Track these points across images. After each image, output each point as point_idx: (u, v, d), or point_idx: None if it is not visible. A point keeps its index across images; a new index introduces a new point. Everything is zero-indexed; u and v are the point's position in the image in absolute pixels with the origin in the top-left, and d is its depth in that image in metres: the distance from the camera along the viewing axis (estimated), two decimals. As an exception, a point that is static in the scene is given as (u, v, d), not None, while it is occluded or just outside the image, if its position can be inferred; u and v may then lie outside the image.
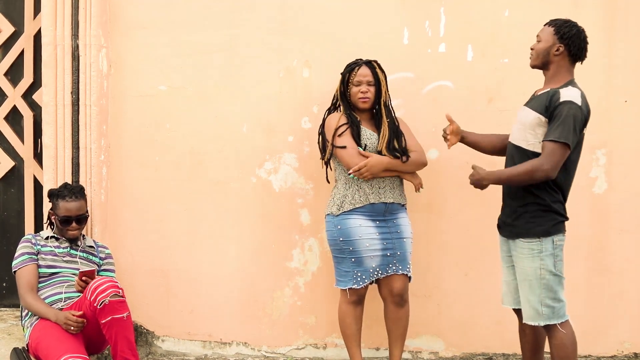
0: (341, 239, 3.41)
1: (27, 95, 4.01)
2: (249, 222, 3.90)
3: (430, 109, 3.77)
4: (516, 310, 3.23)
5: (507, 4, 3.82)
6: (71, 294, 3.31)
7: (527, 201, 3.01)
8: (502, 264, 3.23)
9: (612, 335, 3.94)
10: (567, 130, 2.86)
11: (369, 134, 3.47)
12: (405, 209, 3.55)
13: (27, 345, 3.26)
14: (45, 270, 3.35)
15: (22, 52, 3.99)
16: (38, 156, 3.99)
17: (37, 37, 3.92)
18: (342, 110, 3.54)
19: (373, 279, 3.45)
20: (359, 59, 3.53)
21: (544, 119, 2.94)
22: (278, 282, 3.92)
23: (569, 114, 2.87)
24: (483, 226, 3.73)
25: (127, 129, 3.86)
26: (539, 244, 2.97)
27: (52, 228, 3.51)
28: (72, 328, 3.11)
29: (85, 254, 3.48)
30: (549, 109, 2.92)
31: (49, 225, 3.55)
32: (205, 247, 3.91)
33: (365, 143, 3.43)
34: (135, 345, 3.17)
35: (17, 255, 3.36)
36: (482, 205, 3.78)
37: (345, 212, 3.42)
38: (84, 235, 3.56)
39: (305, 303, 3.92)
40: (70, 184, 3.62)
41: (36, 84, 3.97)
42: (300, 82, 3.85)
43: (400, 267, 3.45)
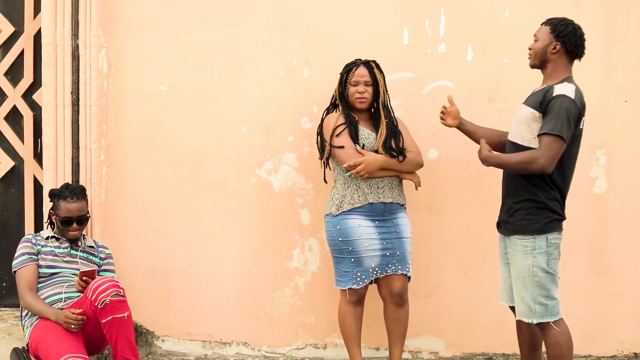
0: (340, 239, 3.41)
1: (27, 95, 4.01)
2: (249, 222, 3.90)
3: (430, 109, 3.77)
4: (512, 308, 3.23)
5: (507, 4, 3.83)
6: (71, 294, 3.31)
7: (522, 198, 3.02)
8: (500, 261, 3.24)
9: (612, 335, 3.94)
10: (560, 123, 2.86)
11: (366, 133, 3.47)
12: (404, 208, 3.55)
13: (27, 345, 3.26)
14: (46, 270, 3.34)
15: (22, 52, 3.99)
16: (38, 156, 3.98)
17: (37, 37, 3.92)
18: (340, 110, 3.55)
19: (372, 278, 3.45)
20: (358, 59, 3.53)
21: (538, 114, 2.95)
22: (278, 282, 3.92)
23: (562, 107, 2.87)
24: (483, 226, 3.74)
25: (127, 129, 3.86)
26: (533, 241, 2.98)
27: (52, 228, 3.51)
28: (72, 326, 3.10)
29: (85, 254, 3.48)
30: (542, 104, 2.94)
31: (49, 225, 3.55)
32: (205, 247, 3.91)
33: (363, 143, 3.43)
34: (135, 345, 3.17)
35: (17, 255, 3.36)
36: (482, 205, 3.79)
37: (344, 212, 3.42)
38: (84, 235, 3.55)
39: (305, 303, 3.92)
40: (72, 184, 3.61)
41: (36, 84, 3.97)
42: (300, 82, 3.85)
43: (399, 267, 3.45)
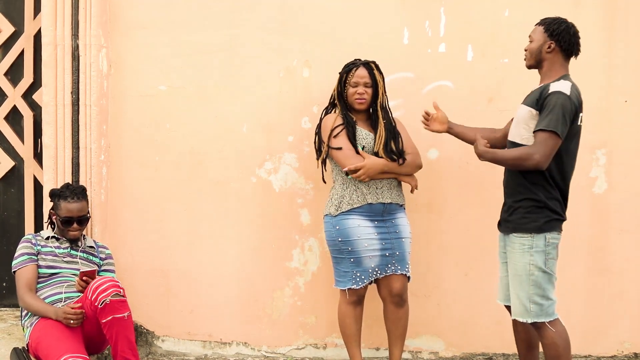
0: (340, 239, 3.41)
1: (27, 95, 4.01)
2: (249, 222, 3.90)
3: (430, 109, 3.76)
4: (508, 307, 3.22)
5: (507, 4, 3.83)
6: (71, 294, 3.31)
7: (522, 197, 3.02)
8: (499, 260, 3.24)
9: (612, 335, 3.94)
10: (555, 119, 2.87)
11: (365, 134, 3.46)
12: (403, 209, 3.55)
13: (27, 345, 3.25)
14: (46, 270, 3.34)
15: (22, 52, 3.99)
16: (38, 156, 3.98)
17: (37, 37, 3.92)
18: (339, 110, 3.54)
19: (372, 279, 3.45)
20: (357, 60, 3.53)
21: (535, 112, 2.96)
22: (278, 282, 3.92)
23: (557, 103, 2.88)
24: (483, 226, 3.74)
25: (127, 129, 3.86)
26: (531, 240, 2.98)
27: (52, 228, 3.51)
28: (72, 321, 3.10)
29: (85, 255, 3.47)
30: (539, 102, 2.95)
31: (49, 225, 3.54)
32: (205, 247, 3.91)
33: (362, 144, 3.43)
34: (135, 345, 3.17)
35: (17, 255, 3.36)
36: (482, 205, 3.79)
37: (343, 212, 3.42)
38: (84, 235, 3.55)
39: (305, 303, 3.92)
40: (72, 184, 3.61)
41: (36, 84, 3.97)
42: (300, 82, 3.85)
43: (399, 267, 3.44)
